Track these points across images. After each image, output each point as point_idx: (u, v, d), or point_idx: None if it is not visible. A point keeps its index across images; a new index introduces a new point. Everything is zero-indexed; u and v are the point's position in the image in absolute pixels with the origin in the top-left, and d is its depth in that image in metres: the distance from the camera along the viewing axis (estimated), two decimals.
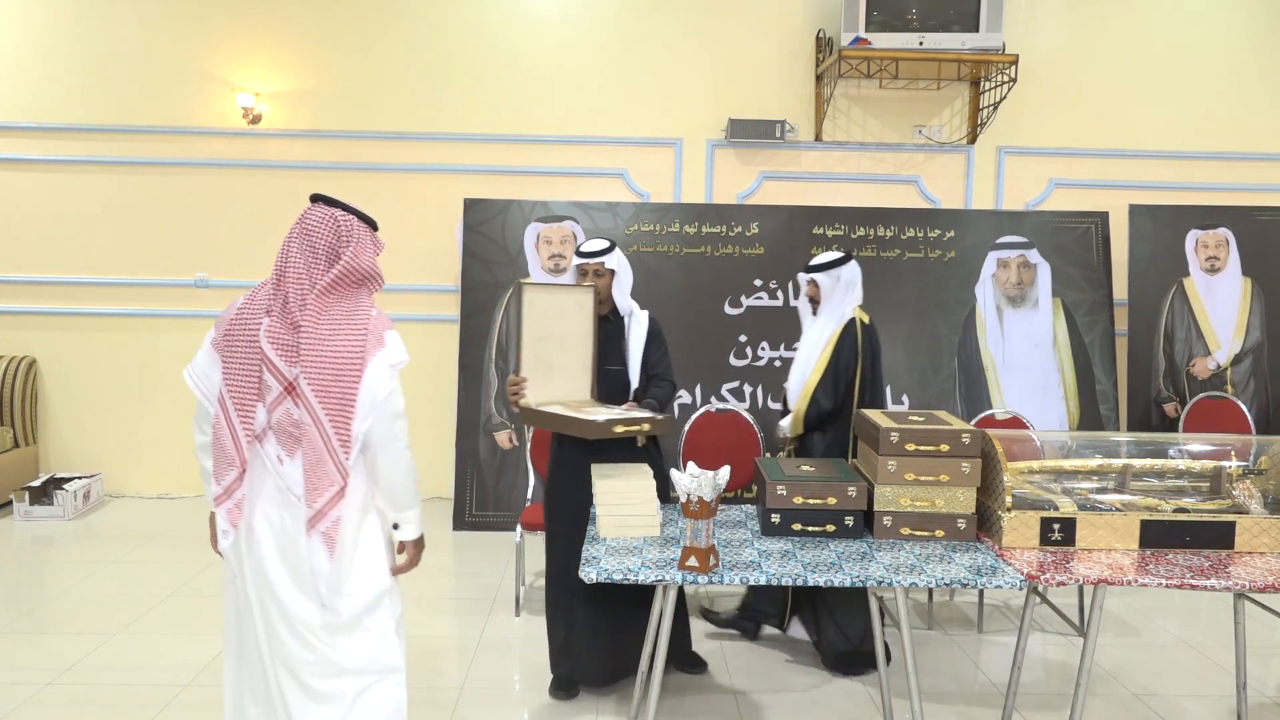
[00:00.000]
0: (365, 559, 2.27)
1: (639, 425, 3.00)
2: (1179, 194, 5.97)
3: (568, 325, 3.16)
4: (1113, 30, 6.01)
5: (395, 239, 5.91)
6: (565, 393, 3.17)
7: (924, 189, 6.06)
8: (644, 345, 3.34)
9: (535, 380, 3.12)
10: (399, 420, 2.23)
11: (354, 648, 2.26)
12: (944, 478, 2.77)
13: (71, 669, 3.50)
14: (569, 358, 3.18)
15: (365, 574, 2.27)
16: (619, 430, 2.94)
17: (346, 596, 2.24)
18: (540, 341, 3.13)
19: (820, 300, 3.67)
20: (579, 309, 3.19)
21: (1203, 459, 3.03)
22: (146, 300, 5.94)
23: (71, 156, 5.88)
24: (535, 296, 3.14)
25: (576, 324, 3.18)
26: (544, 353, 3.14)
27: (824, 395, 3.54)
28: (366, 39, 5.88)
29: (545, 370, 3.14)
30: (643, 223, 5.56)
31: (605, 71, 5.94)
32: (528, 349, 3.11)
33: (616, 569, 2.45)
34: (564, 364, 3.17)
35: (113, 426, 6.01)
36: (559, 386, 3.16)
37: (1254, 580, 2.48)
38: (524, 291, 3.12)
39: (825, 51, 5.85)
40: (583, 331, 3.19)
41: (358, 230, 2.27)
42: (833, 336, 3.58)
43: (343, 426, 2.14)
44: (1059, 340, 5.56)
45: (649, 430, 3.04)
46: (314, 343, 2.15)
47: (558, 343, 3.15)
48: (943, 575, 2.46)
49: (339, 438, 2.14)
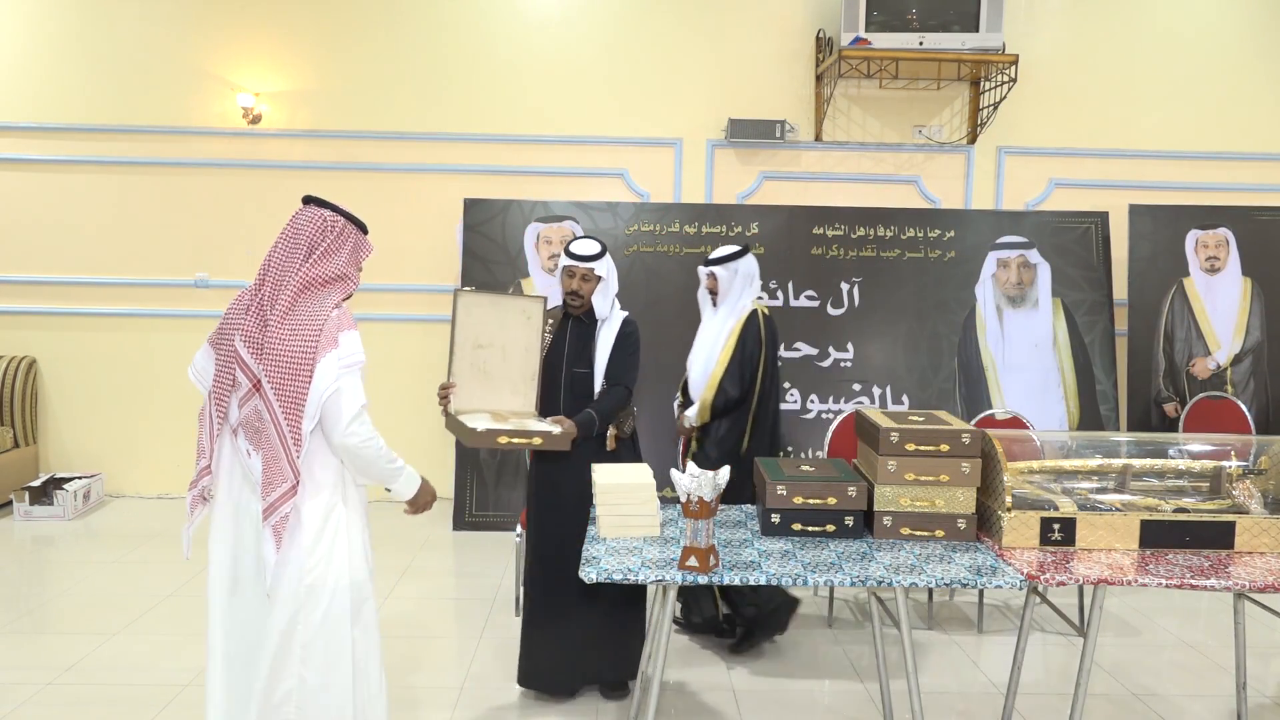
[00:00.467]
0: (327, 552, 2.30)
1: (529, 439, 2.94)
2: (1179, 194, 5.97)
3: (510, 334, 3.11)
4: (1113, 30, 6.01)
5: (395, 239, 5.93)
6: (505, 403, 3.11)
7: (924, 189, 6.06)
8: (610, 349, 3.28)
9: (470, 388, 3.07)
10: (355, 422, 2.27)
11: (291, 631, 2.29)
12: (944, 478, 2.77)
13: (71, 669, 3.50)
14: (510, 367, 3.12)
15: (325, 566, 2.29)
16: (501, 442, 2.90)
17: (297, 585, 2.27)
18: (477, 349, 3.07)
19: (719, 293, 3.77)
20: (525, 319, 3.13)
21: (1203, 459, 3.03)
22: (146, 300, 5.94)
23: (71, 156, 5.88)
24: (472, 303, 3.08)
25: (520, 334, 3.12)
26: (481, 361, 3.08)
27: (730, 384, 3.63)
28: (366, 39, 5.88)
29: (482, 378, 3.08)
30: (643, 223, 5.56)
31: (605, 71, 5.94)
32: (461, 356, 3.06)
33: (616, 569, 2.45)
34: (505, 373, 3.11)
35: (113, 426, 6.01)
36: (499, 396, 3.10)
37: (1254, 580, 2.48)
38: (458, 298, 3.07)
39: (825, 51, 5.85)
40: (526, 342, 3.13)
41: (339, 231, 2.33)
42: (735, 328, 3.68)
43: (295, 425, 2.22)
44: (1059, 340, 5.56)
45: (540, 445, 2.98)
46: (275, 342, 2.23)
47: (498, 351, 3.10)
48: (943, 575, 2.46)
49: (292, 436, 2.22)
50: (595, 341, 3.29)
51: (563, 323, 3.35)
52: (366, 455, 2.31)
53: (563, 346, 3.32)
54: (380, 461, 2.35)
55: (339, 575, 2.32)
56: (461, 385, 3.07)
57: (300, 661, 2.30)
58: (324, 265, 2.30)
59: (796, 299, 5.52)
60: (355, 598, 2.35)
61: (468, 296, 3.10)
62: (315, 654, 2.31)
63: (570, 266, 3.25)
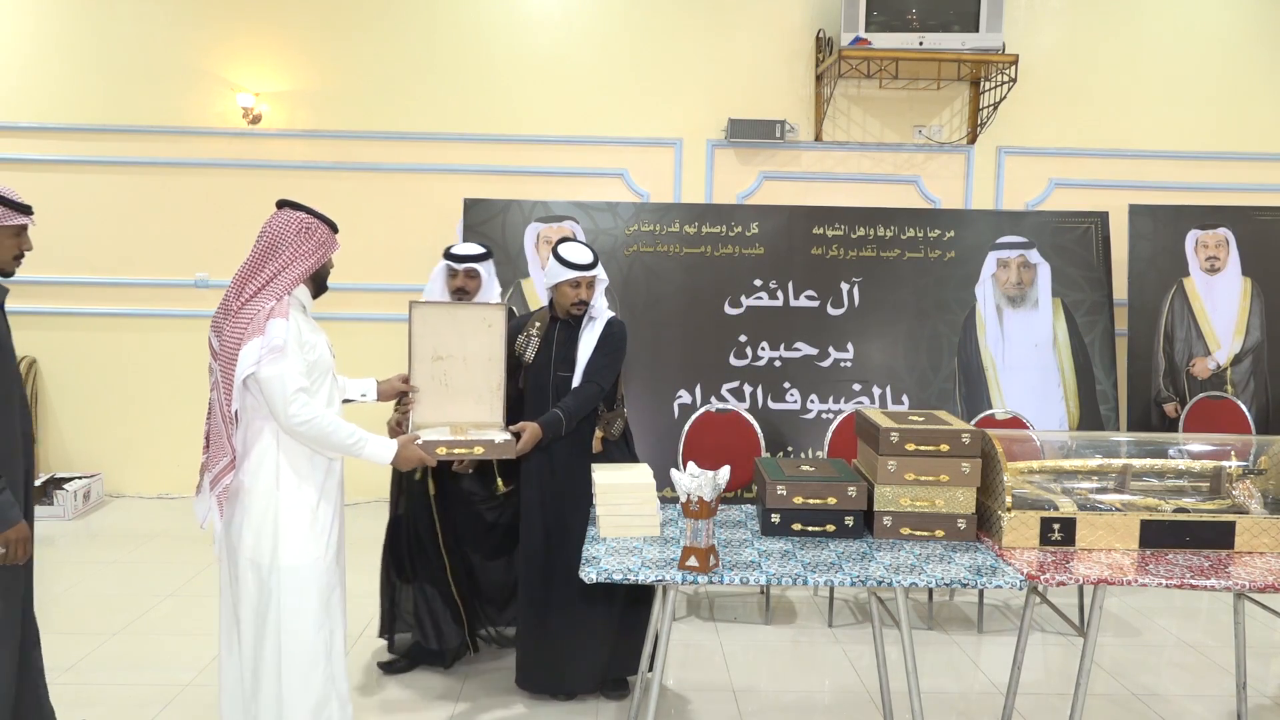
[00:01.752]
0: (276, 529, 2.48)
1: (469, 449, 2.87)
2: (1179, 194, 5.97)
3: (471, 344, 3.01)
4: (1113, 30, 6.01)
5: (395, 239, 5.93)
6: (469, 414, 3.02)
7: (924, 189, 6.06)
8: (592, 349, 3.26)
9: (432, 401, 3.00)
10: (291, 405, 2.43)
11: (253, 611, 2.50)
12: (944, 478, 2.77)
13: (71, 669, 3.50)
14: (473, 377, 3.02)
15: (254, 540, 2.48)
16: (440, 453, 2.81)
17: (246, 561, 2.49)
18: (436, 361, 2.99)
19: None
20: (486, 327, 3.03)
21: (1203, 459, 3.03)
22: (146, 300, 5.94)
23: (71, 156, 5.88)
24: (428, 314, 3.02)
25: (482, 343, 3.02)
26: (441, 373, 3.00)
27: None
28: (366, 39, 5.88)
29: (443, 391, 2.99)
30: (643, 223, 5.56)
31: (605, 71, 5.94)
32: (420, 370, 2.99)
33: (616, 569, 2.45)
34: (468, 384, 3.02)
35: (113, 426, 6.01)
36: (462, 408, 3.01)
37: (1254, 580, 2.48)
38: (413, 310, 3.00)
39: (825, 51, 5.85)
40: (490, 351, 3.02)
41: (304, 228, 2.56)
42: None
43: (228, 405, 2.46)
44: (1059, 340, 5.56)
45: (482, 455, 2.91)
46: (227, 332, 2.48)
47: (459, 362, 3.01)
48: (943, 575, 2.46)
49: (223, 416, 2.48)
50: (578, 343, 3.27)
51: (550, 327, 3.34)
52: (312, 435, 2.47)
53: (550, 350, 3.30)
54: (333, 438, 2.49)
55: (284, 556, 2.48)
56: (422, 399, 2.99)
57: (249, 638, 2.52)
58: (288, 260, 2.52)
59: (796, 299, 5.51)
60: (297, 581, 2.48)
61: (423, 308, 3.03)
62: (247, 630, 2.51)
63: (576, 278, 3.22)
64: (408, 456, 2.69)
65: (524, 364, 3.32)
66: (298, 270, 2.54)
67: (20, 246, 2.65)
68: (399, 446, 2.66)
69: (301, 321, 2.54)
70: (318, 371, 2.55)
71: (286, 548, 2.49)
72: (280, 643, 2.49)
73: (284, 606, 2.49)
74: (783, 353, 5.43)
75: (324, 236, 2.62)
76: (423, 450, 2.75)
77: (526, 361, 3.32)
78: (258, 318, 2.45)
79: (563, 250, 3.24)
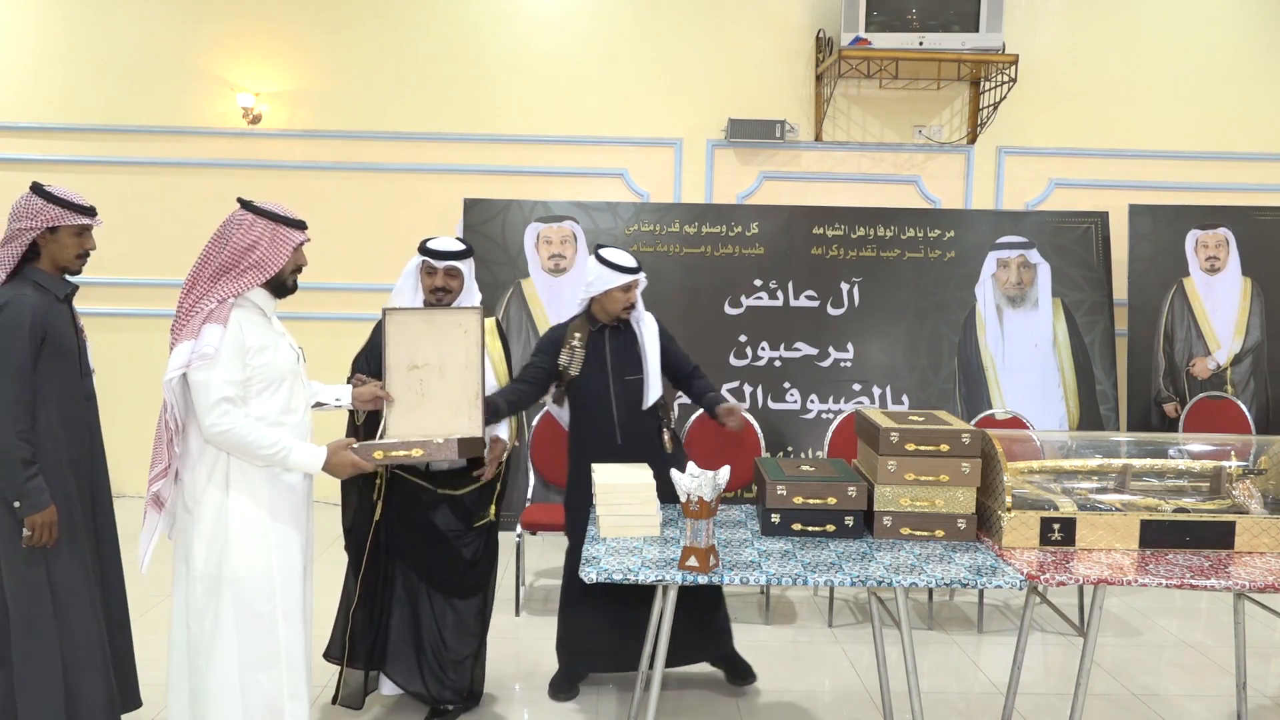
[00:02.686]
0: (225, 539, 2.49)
1: (408, 452, 2.70)
2: (1179, 194, 5.97)
3: (447, 351, 2.85)
4: (1113, 30, 6.01)
5: (395, 239, 5.91)
6: (448, 425, 2.83)
7: (924, 189, 6.06)
8: (659, 348, 3.33)
9: (408, 413, 2.85)
10: (211, 413, 2.41)
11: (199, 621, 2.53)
12: (944, 478, 2.77)
13: None
14: (450, 386, 2.86)
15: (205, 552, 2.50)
16: (378, 457, 2.67)
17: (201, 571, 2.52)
18: (412, 370, 2.84)
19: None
20: (462, 333, 2.86)
21: (1203, 459, 3.03)
22: (146, 300, 5.94)
23: (72, 156, 5.88)
24: (403, 321, 2.87)
25: (458, 350, 2.86)
26: (417, 381, 2.85)
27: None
28: (366, 39, 5.88)
29: (419, 401, 2.84)
30: (643, 223, 5.56)
31: (605, 71, 5.94)
32: (395, 379, 2.84)
33: (616, 569, 2.45)
34: (444, 393, 2.85)
35: (113, 426, 5.94)
36: (440, 418, 2.84)
37: (1254, 580, 2.48)
38: (387, 317, 2.85)
39: (825, 51, 5.85)
40: (466, 358, 2.86)
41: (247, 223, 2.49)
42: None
43: (165, 411, 2.49)
44: (1059, 340, 5.56)
45: (421, 458, 2.75)
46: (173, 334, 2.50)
47: (435, 370, 2.85)
48: (943, 575, 2.46)
49: (162, 422, 2.50)
50: (641, 346, 3.31)
51: (596, 335, 3.32)
52: (230, 444, 2.44)
53: (605, 357, 3.30)
54: (253, 449, 2.44)
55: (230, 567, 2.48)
56: (398, 409, 2.84)
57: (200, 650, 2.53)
58: (232, 262, 2.46)
59: (796, 299, 5.52)
60: (243, 592, 2.48)
61: (398, 314, 2.88)
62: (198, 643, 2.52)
63: (628, 282, 3.23)
64: (340, 463, 2.57)
65: (567, 377, 3.30)
66: (245, 273, 2.47)
67: (83, 245, 2.79)
68: (328, 453, 2.55)
69: (250, 325, 2.49)
70: (267, 378, 2.50)
71: (234, 558, 2.48)
72: (220, 654, 2.49)
73: (230, 618, 2.48)
74: (783, 353, 5.43)
75: (274, 239, 2.50)
76: (358, 455, 2.61)
77: (572, 375, 3.29)
78: (194, 321, 2.43)
79: (609, 255, 3.25)
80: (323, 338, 6.13)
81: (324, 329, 5.83)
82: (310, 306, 5.76)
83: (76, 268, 2.75)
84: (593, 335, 3.32)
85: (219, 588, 2.49)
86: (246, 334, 2.46)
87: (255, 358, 2.47)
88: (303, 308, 5.89)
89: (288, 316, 2.86)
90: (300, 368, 2.65)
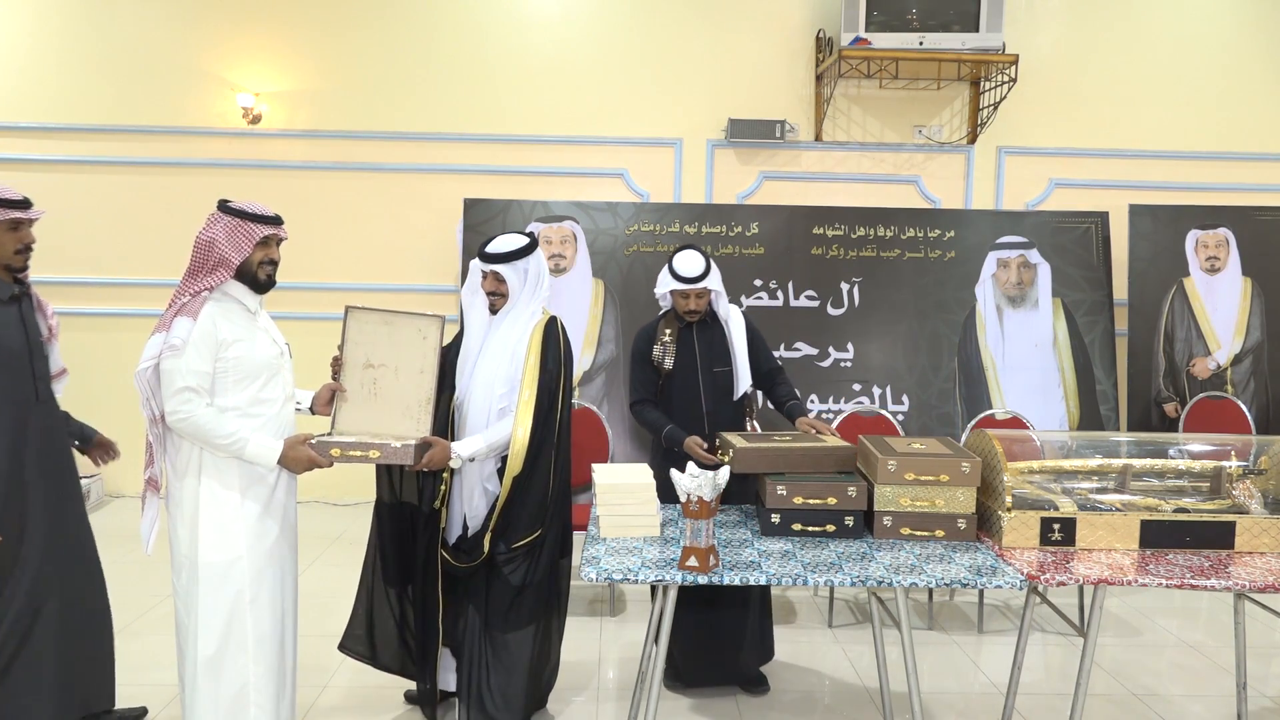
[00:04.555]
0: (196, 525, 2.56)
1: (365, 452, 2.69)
2: (1179, 194, 5.97)
3: (404, 354, 2.87)
4: (1112, 30, 6.01)
5: (395, 239, 5.93)
6: (396, 426, 2.84)
7: (924, 189, 6.06)
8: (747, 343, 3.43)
9: (359, 409, 2.85)
10: (172, 400, 2.48)
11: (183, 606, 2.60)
12: (944, 478, 2.77)
13: None
14: (403, 388, 2.87)
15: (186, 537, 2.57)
16: (336, 454, 2.67)
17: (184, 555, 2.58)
18: (368, 369, 2.87)
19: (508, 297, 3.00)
20: (421, 339, 2.87)
21: (1203, 459, 3.03)
22: (146, 300, 5.93)
23: (71, 156, 5.88)
24: (364, 319, 2.87)
25: (415, 354, 2.87)
26: (371, 380, 2.87)
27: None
28: (366, 39, 5.88)
29: (371, 400, 2.86)
30: (643, 223, 5.56)
31: (605, 71, 5.94)
32: (351, 375, 2.85)
33: (616, 569, 2.45)
34: (397, 395, 2.86)
35: (112, 427, 5.97)
36: (389, 419, 2.85)
37: (1254, 580, 2.48)
38: (349, 314, 2.87)
39: (825, 51, 5.85)
40: (422, 363, 2.86)
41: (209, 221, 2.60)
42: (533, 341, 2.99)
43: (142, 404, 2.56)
44: (1059, 340, 5.56)
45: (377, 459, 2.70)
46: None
47: (390, 371, 2.88)
48: (943, 575, 2.46)
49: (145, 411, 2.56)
50: (730, 340, 3.42)
51: (685, 331, 3.42)
52: (189, 431, 2.51)
53: (694, 352, 3.40)
54: (211, 437, 2.51)
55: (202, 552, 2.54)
56: (349, 404, 2.84)
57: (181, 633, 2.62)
58: (202, 259, 2.57)
59: (796, 299, 5.52)
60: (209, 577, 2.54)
61: (360, 313, 2.88)
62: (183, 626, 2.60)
63: (685, 290, 3.32)
64: (296, 458, 2.60)
65: (663, 372, 3.40)
66: (215, 270, 2.57)
67: (21, 240, 2.76)
68: (285, 447, 2.59)
69: (226, 319, 2.56)
70: (242, 371, 2.56)
71: (205, 543, 2.54)
72: (197, 639, 2.55)
73: (202, 604, 2.54)
74: (783, 353, 5.43)
75: (231, 234, 2.58)
76: (315, 451, 2.63)
77: (667, 369, 3.40)
78: (167, 314, 2.55)
79: (676, 261, 3.36)
80: (323, 337, 6.14)
81: (324, 329, 5.83)
82: (310, 306, 5.78)
83: (19, 264, 2.75)
84: (682, 331, 3.42)
85: (196, 572, 2.55)
86: (220, 327, 2.53)
87: (228, 350, 2.54)
88: (303, 307, 5.92)
89: (288, 316, 2.87)
90: (284, 363, 2.71)
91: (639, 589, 4.36)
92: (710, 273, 3.34)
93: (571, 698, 3.37)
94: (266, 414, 2.62)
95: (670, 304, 3.46)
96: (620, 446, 5.15)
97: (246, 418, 2.57)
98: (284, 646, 2.69)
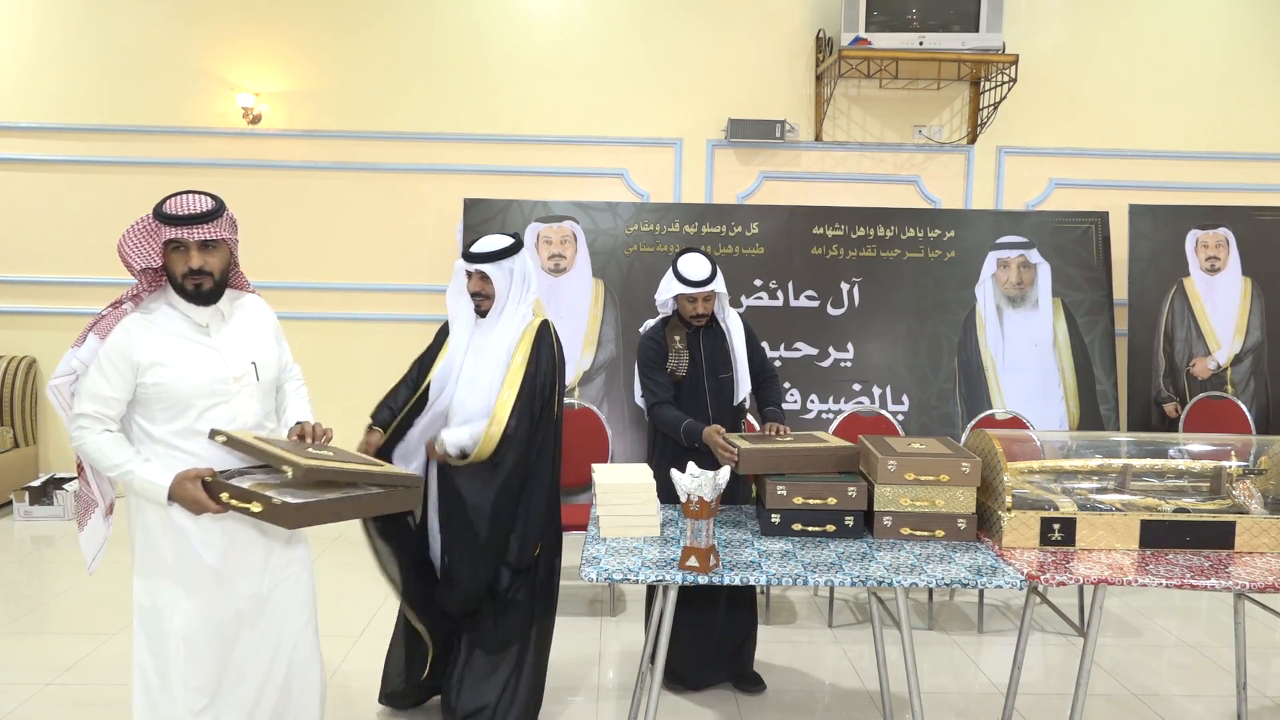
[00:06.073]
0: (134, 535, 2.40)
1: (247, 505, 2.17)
2: (1179, 194, 5.97)
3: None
4: (1113, 30, 6.01)
5: (395, 239, 5.93)
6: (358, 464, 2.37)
7: (924, 189, 6.06)
8: (746, 349, 3.44)
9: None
10: (70, 423, 2.29)
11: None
12: (944, 478, 2.77)
13: (71, 669, 3.50)
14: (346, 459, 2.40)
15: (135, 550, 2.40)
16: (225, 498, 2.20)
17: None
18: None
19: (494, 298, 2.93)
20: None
21: (1203, 459, 3.03)
22: None
23: (71, 156, 5.88)
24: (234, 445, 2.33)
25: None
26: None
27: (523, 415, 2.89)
28: (366, 39, 5.88)
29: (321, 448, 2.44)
30: (643, 223, 5.56)
31: (605, 71, 5.94)
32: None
33: (617, 569, 2.45)
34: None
35: None
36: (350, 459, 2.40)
37: (1254, 580, 2.48)
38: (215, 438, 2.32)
39: (825, 51, 5.85)
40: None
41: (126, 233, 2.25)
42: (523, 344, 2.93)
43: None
44: (1059, 340, 5.56)
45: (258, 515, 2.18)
46: None
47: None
48: (943, 575, 2.46)
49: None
50: (731, 346, 3.40)
51: (692, 336, 3.41)
52: (84, 456, 2.31)
53: (700, 356, 3.39)
54: (100, 463, 2.26)
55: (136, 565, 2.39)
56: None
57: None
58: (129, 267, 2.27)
59: (796, 299, 5.52)
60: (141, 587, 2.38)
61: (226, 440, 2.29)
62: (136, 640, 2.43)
63: (693, 294, 3.30)
64: (182, 496, 2.20)
65: (676, 378, 3.38)
66: (139, 278, 2.27)
67: None
68: (173, 483, 2.21)
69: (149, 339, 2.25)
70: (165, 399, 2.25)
71: (137, 556, 2.36)
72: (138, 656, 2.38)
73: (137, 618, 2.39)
74: (783, 353, 5.43)
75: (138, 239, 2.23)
76: (204, 494, 2.19)
77: (680, 375, 3.39)
78: (86, 327, 2.30)
79: (680, 264, 3.34)
80: (322, 337, 6.15)
81: (324, 329, 5.84)
82: (310, 306, 5.78)
83: None
84: (689, 336, 3.41)
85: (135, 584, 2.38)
86: (138, 347, 2.23)
87: (145, 375, 2.23)
88: (303, 308, 5.93)
89: (288, 316, 2.84)
90: (242, 388, 2.34)
91: (638, 589, 4.36)
92: (716, 275, 3.34)
93: (570, 698, 3.37)
94: (194, 448, 2.27)
95: (673, 309, 3.43)
96: (620, 446, 5.15)
97: (173, 453, 2.26)
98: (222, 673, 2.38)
